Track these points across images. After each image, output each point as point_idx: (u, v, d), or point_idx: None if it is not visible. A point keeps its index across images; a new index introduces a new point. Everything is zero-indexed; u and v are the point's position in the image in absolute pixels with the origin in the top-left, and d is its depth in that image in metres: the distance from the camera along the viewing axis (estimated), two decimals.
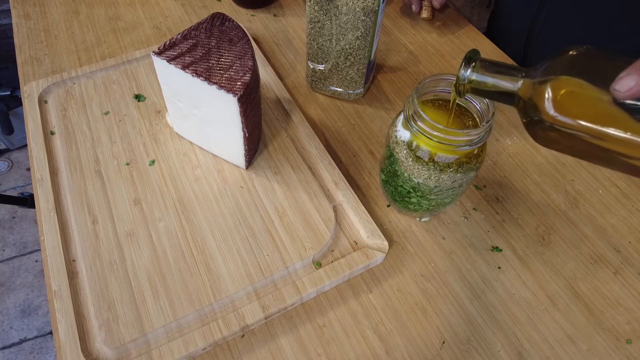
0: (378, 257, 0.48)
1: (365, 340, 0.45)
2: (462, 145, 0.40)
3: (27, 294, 1.37)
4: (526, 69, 0.35)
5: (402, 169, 0.45)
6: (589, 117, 0.31)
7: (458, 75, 0.37)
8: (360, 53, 0.57)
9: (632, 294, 0.48)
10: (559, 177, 0.57)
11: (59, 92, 0.61)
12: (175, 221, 0.50)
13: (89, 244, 0.48)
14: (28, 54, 0.69)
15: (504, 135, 0.61)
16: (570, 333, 0.46)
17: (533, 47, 0.73)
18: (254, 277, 0.46)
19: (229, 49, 0.48)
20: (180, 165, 0.55)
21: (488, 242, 0.52)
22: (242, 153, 0.52)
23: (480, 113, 0.43)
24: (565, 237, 0.52)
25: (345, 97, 0.64)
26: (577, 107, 0.32)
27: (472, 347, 0.45)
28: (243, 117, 0.47)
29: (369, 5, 0.51)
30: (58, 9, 0.75)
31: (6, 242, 1.47)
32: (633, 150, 0.30)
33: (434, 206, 0.48)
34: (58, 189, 0.52)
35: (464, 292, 0.48)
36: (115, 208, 0.51)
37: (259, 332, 0.45)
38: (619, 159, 0.31)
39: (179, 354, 0.42)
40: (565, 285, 0.49)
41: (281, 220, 0.50)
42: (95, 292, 0.45)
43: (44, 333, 1.30)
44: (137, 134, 0.57)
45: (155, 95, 0.62)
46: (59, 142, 0.56)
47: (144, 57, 0.66)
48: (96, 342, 0.43)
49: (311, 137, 0.57)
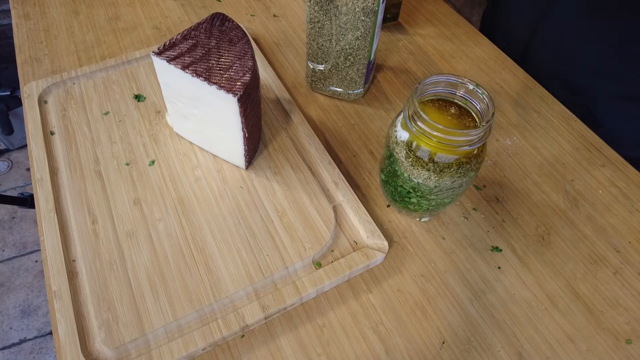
0: (378, 257, 0.48)
1: (365, 340, 0.45)
2: (462, 146, 0.40)
3: (27, 294, 1.37)
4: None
5: (401, 169, 0.45)
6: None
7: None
8: (360, 53, 0.57)
9: (632, 294, 0.48)
10: (559, 177, 0.57)
11: (59, 92, 0.61)
12: (175, 221, 0.50)
13: (89, 244, 0.48)
14: (28, 54, 0.69)
15: (504, 135, 0.61)
16: (570, 333, 0.46)
17: (534, 47, 0.73)
18: (254, 277, 0.46)
19: (229, 49, 0.48)
20: (180, 166, 0.55)
21: (488, 242, 0.52)
22: (242, 153, 0.52)
23: (480, 113, 0.43)
24: (565, 237, 0.52)
25: (345, 97, 0.64)
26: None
27: (472, 347, 0.45)
28: (243, 117, 0.47)
29: (368, 5, 0.51)
30: (58, 9, 0.75)
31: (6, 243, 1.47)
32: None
33: (433, 206, 0.48)
34: (58, 189, 0.52)
35: (463, 292, 0.48)
36: (115, 208, 0.51)
37: (259, 332, 0.45)
38: None
39: (178, 354, 0.42)
40: (565, 285, 0.49)
41: (281, 220, 0.50)
42: (95, 292, 0.45)
43: (43, 333, 1.30)
44: (137, 134, 0.57)
45: (155, 96, 0.62)
46: (58, 142, 0.56)
47: (143, 57, 0.66)
48: (96, 343, 0.43)
49: (311, 137, 0.57)
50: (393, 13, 0.74)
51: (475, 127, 0.43)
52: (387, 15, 0.73)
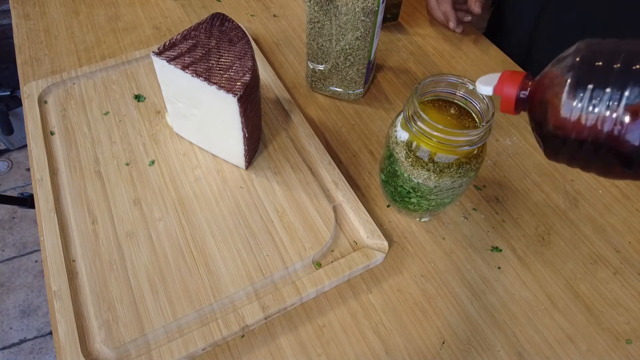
0: (378, 257, 0.48)
1: (365, 340, 0.45)
2: (462, 146, 0.40)
3: (27, 295, 1.37)
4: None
5: (401, 169, 0.45)
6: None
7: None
8: (360, 53, 0.57)
9: (632, 294, 0.48)
10: (558, 177, 0.57)
11: (59, 92, 0.61)
12: (175, 221, 0.50)
13: (89, 244, 0.48)
14: (28, 54, 0.69)
15: (504, 135, 0.61)
16: (570, 333, 0.46)
17: (536, 47, 0.73)
18: (254, 277, 0.46)
19: (229, 49, 0.48)
20: (180, 166, 0.55)
21: (488, 242, 0.52)
22: (242, 153, 0.52)
23: (480, 113, 0.43)
24: (565, 237, 0.52)
25: (345, 97, 0.64)
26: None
27: (472, 347, 0.45)
28: (243, 117, 0.47)
29: (368, 5, 0.51)
30: (58, 9, 0.75)
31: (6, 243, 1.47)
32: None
33: (433, 206, 0.48)
34: (58, 189, 0.52)
35: (463, 292, 0.48)
36: (115, 208, 0.51)
37: (259, 332, 0.45)
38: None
39: (178, 354, 0.42)
40: (565, 285, 0.49)
41: (281, 220, 0.50)
42: (95, 293, 0.45)
43: (43, 333, 1.30)
44: (137, 134, 0.57)
45: (155, 96, 0.62)
46: (58, 142, 0.56)
47: (143, 57, 0.66)
48: (96, 343, 0.43)
49: (311, 137, 0.57)
50: (393, 13, 0.74)
51: (475, 127, 0.43)
52: (387, 15, 0.73)
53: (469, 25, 0.75)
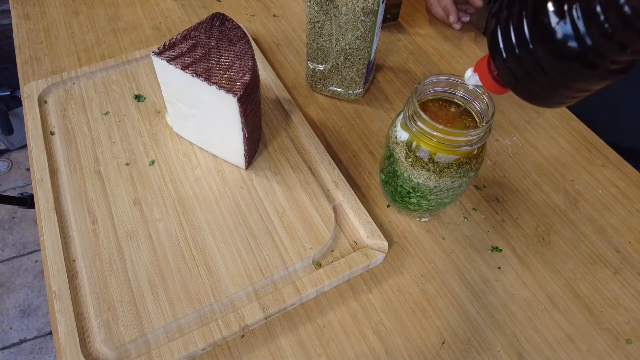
0: (378, 258, 0.48)
1: (365, 340, 0.45)
2: (462, 146, 0.40)
3: (27, 295, 1.37)
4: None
5: (401, 169, 0.45)
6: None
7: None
8: (360, 53, 0.57)
9: (632, 294, 0.48)
10: (558, 177, 0.57)
11: (59, 92, 0.61)
12: (175, 221, 0.50)
13: (89, 244, 0.48)
14: (28, 54, 0.69)
15: (504, 135, 0.61)
16: (570, 333, 0.46)
17: None
18: (254, 277, 0.46)
19: (229, 49, 0.48)
20: (180, 166, 0.55)
21: (488, 243, 0.52)
22: (242, 153, 0.52)
23: (480, 113, 0.43)
24: (565, 237, 0.52)
25: (345, 97, 0.64)
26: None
27: (472, 347, 0.45)
28: (243, 117, 0.47)
29: (368, 5, 0.51)
30: (58, 9, 0.75)
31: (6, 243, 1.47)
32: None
33: (433, 206, 0.48)
34: (58, 189, 0.52)
35: (463, 292, 0.48)
36: (115, 208, 0.51)
37: (259, 332, 0.45)
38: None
39: (178, 354, 0.42)
40: (565, 285, 0.49)
41: (281, 220, 0.50)
42: (95, 293, 0.45)
43: (43, 333, 1.30)
44: (137, 134, 0.57)
45: (155, 96, 0.62)
46: (58, 142, 0.56)
47: (143, 57, 0.66)
48: (96, 343, 0.43)
49: (311, 137, 0.57)
50: (393, 13, 0.74)
51: (475, 127, 0.43)
52: (387, 15, 0.73)
53: (469, 25, 0.75)
